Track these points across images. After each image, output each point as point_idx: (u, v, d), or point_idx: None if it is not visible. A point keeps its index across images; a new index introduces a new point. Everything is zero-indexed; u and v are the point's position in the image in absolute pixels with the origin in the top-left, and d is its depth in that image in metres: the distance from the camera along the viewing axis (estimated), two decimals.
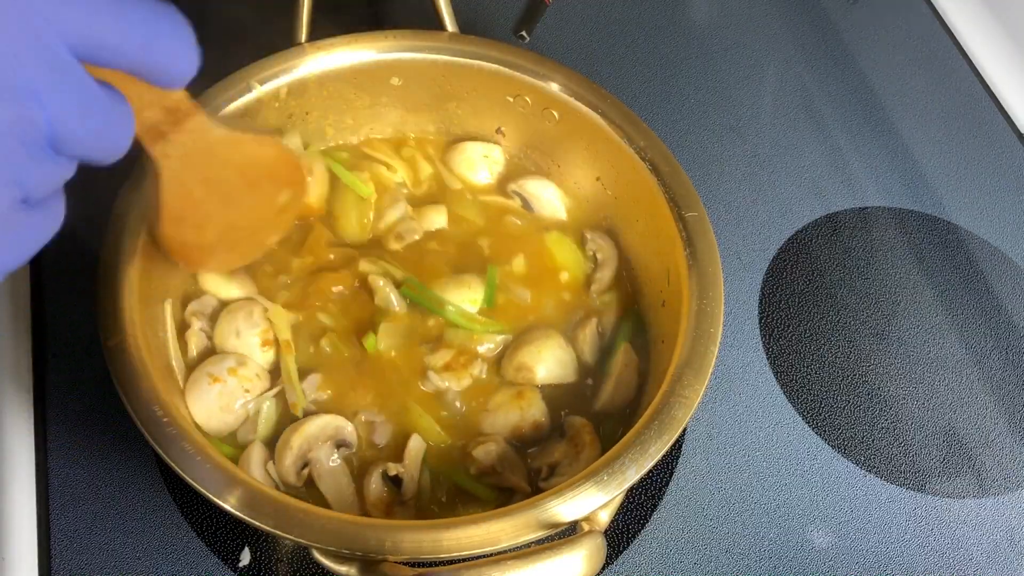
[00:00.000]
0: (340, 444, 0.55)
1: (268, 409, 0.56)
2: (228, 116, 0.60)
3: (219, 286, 0.60)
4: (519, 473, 0.55)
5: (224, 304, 0.59)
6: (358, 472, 0.55)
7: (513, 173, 0.68)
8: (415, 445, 0.55)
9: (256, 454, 0.54)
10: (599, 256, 0.65)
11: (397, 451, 0.56)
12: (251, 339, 0.57)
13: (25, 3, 0.30)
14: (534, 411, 0.57)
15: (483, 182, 0.68)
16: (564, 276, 0.64)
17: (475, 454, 0.56)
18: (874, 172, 0.82)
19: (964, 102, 0.89)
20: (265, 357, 0.58)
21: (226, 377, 0.55)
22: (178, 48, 0.35)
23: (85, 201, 0.48)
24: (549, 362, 0.59)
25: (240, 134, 0.51)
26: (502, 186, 0.68)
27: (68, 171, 0.34)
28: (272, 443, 0.55)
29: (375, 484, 0.54)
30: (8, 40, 0.29)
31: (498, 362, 0.60)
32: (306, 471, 0.54)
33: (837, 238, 0.78)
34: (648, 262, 0.63)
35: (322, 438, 0.54)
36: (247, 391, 0.55)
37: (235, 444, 0.56)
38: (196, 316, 0.58)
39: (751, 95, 0.87)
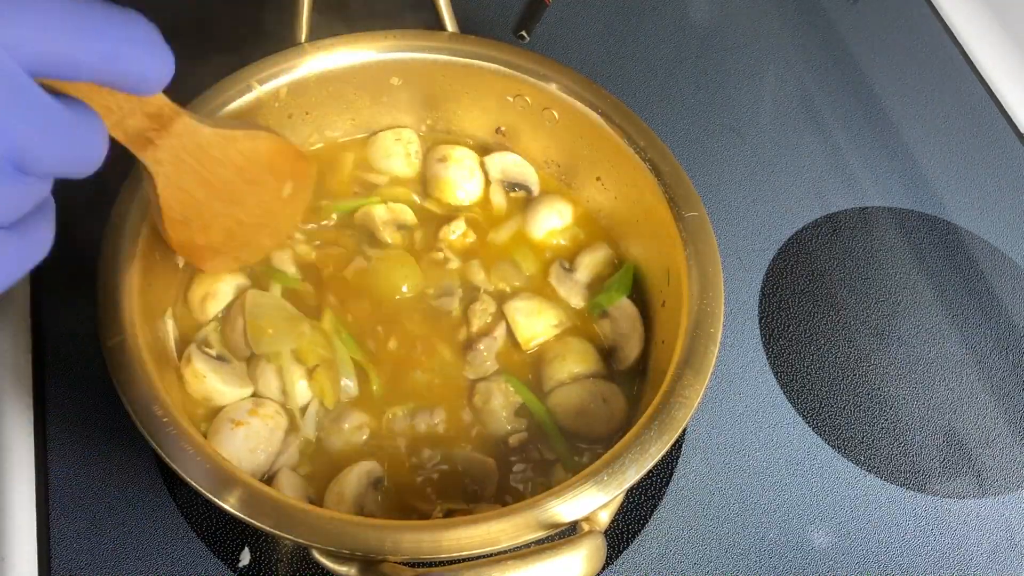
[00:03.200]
0: (377, 481, 0.55)
1: (295, 445, 0.56)
2: (226, 116, 0.60)
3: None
4: (491, 483, 0.56)
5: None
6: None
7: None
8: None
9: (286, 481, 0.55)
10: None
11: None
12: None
13: None
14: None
15: (403, 172, 0.68)
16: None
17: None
18: (874, 172, 0.82)
19: (964, 102, 0.89)
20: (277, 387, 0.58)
21: (248, 419, 0.55)
22: (146, 54, 0.33)
23: (85, 201, 0.48)
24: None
25: (231, 132, 0.50)
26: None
27: (40, 191, 0.32)
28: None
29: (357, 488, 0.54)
30: None
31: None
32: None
33: (837, 238, 0.78)
34: (648, 262, 0.63)
35: (361, 490, 0.54)
36: (273, 428, 0.55)
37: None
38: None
39: (751, 95, 0.87)
